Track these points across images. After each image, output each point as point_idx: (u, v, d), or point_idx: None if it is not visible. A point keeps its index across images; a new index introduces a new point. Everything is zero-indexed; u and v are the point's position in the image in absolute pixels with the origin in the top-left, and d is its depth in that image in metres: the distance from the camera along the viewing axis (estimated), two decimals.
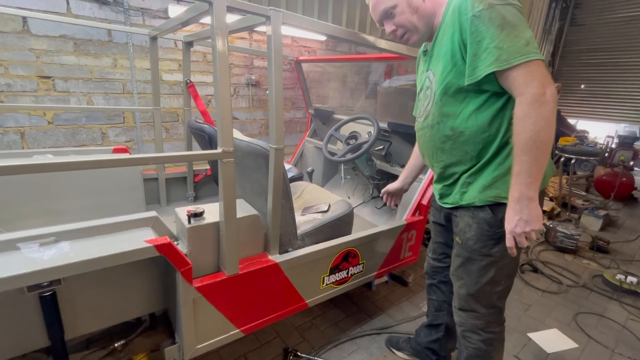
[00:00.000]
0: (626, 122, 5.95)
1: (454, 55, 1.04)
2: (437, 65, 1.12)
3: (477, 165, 1.11)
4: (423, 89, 1.24)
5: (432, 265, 1.53)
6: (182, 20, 1.39)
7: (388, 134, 2.40)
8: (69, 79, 2.42)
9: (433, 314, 1.58)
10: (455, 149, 1.13)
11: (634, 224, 3.81)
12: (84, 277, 1.09)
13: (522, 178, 0.93)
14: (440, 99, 1.11)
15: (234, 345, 1.70)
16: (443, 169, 1.21)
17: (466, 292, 1.22)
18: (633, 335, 2.00)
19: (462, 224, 1.19)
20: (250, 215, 1.34)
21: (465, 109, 1.07)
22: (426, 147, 1.25)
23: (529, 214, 0.94)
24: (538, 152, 0.91)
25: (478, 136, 1.08)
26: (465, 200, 1.15)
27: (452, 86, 1.07)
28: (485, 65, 0.94)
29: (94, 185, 1.88)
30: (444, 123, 1.12)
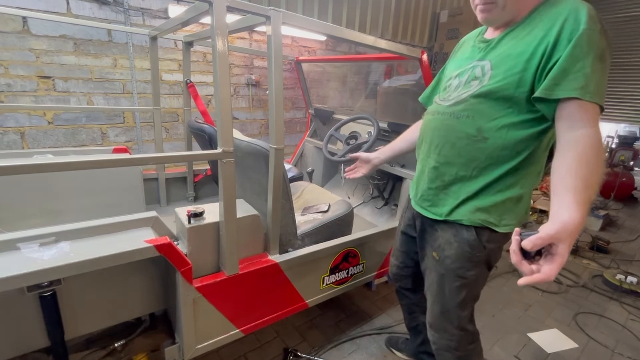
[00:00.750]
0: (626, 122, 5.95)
1: (530, 61, 0.92)
2: (502, 62, 0.99)
3: (479, 181, 1.04)
4: (463, 76, 1.10)
5: (394, 273, 1.49)
6: (182, 20, 1.39)
7: (388, 134, 2.40)
8: (69, 79, 2.42)
9: (408, 317, 1.60)
10: (467, 150, 1.04)
11: (634, 224, 3.81)
12: (84, 277, 1.09)
13: (586, 208, 0.78)
14: (484, 95, 1.00)
15: (234, 345, 1.70)
16: (438, 165, 1.11)
17: (439, 310, 1.19)
18: (633, 335, 2.00)
19: (441, 240, 1.13)
20: (250, 215, 1.34)
21: (502, 118, 0.98)
22: (434, 135, 1.13)
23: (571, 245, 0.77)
24: (595, 190, 0.80)
25: (498, 151, 1.00)
26: (453, 216, 1.08)
27: (505, 90, 0.96)
28: (570, 88, 0.84)
29: (94, 185, 1.88)
30: (473, 119, 1.02)
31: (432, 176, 1.14)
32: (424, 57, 1.80)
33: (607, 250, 3.04)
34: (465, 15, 4.43)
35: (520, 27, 0.98)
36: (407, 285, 1.47)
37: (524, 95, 0.94)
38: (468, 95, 1.04)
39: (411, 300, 1.52)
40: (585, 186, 0.79)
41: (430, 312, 1.23)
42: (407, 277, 1.44)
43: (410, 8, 4.50)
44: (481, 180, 1.04)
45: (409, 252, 1.38)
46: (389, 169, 2.35)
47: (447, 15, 4.67)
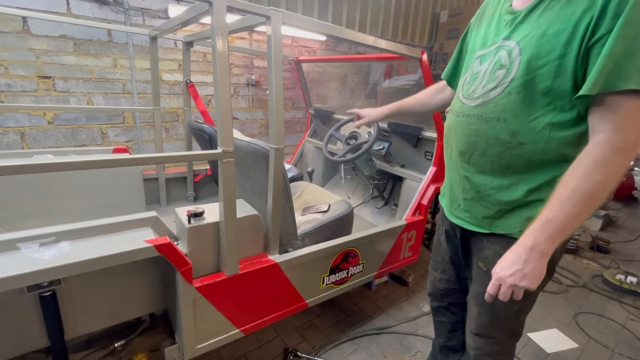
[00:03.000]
0: None
1: (571, 42, 0.73)
2: (533, 43, 0.80)
3: (521, 187, 0.88)
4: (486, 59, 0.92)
5: (440, 288, 1.28)
6: (182, 20, 1.39)
7: (388, 134, 2.40)
8: (69, 79, 2.42)
9: (446, 336, 1.36)
10: (500, 158, 0.88)
11: (634, 224, 3.80)
12: (84, 277, 1.09)
13: (549, 228, 0.74)
14: (517, 90, 0.82)
15: (234, 345, 1.70)
16: (469, 175, 0.97)
17: (487, 321, 1.05)
18: (633, 335, 2.00)
19: (489, 252, 0.97)
20: (250, 215, 1.34)
21: (542, 117, 0.81)
22: (460, 140, 0.96)
23: (533, 270, 0.76)
24: (587, 209, 0.72)
25: (538, 155, 0.83)
26: (500, 228, 0.93)
27: (542, 82, 0.78)
28: (626, 77, 0.67)
29: (94, 185, 1.88)
30: (505, 123, 0.85)
31: (465, 186, 0.99)
32: (424, 57, 1.80)
33: (607, 250, 3.04)
34: (466, 15, 4.43)
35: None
36: (458, 300, 1.26)
37: (566, 85, 0.76)
38: (496, 94, 0.87)
39: (457, 317, 1.29)
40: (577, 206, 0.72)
41: (475, 321, 1.09)
42: (459, 291, 1.24)
43: (410, 8, 4.50)
44: (525, 186, 0.88)
45: (459, 262, 1.18)
46: (389, 169, 2.35)
47: (447, 15, 4.67)
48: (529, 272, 0.76)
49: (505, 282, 0.79)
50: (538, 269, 0.76)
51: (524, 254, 0.77)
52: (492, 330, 1.07)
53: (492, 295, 0.83)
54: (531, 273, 0.76)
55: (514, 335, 1.10)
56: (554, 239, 0.75)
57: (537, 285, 0.77)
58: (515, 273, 0.77)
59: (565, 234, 0.75)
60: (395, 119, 2.39)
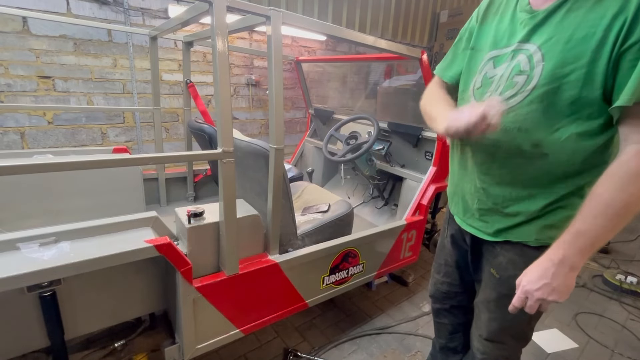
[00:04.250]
0: None
1: (601, 48, 0.68)
2: (559, 49, 0.74)
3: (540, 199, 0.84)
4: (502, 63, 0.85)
5: (443, 290, 1.26)
6: (182, 20, 1.39)
7: (388, 134, 2.40)
8: (69, 79, 2.42)
9: (447, 337, 1.35)
10: (521, 170, 0.84)
11: (634, 224, 3.80)
12: (84, 277, 1.09)
13: (580, 242, 0.71)
14: (539, 99, 0.76)
15: (234, 345, 1.70)
16: (486, 187, 0.92)
17: (498, 327, 1.03)
18: (633, 335, 2.00)
19: (502, 259, 0.94)
20: (250, 215, 1.34)
21: (567, 127, 0.76)
22: (476, 150, 0.92)
23: (563, 284, 0.73)
24: (620, 222, 0.69)
25: (563, 167, 0.79)
26: (515, 236, 0.90)
27: (568, 90, 0.73)
28: None
29: (94, 185, 1.88)
30: (528, 133, 0.80)
31: (481, 197, 0.95)
32: (424, 57, 1.80)
33: (607, 250, 3.04)
34: (465, 15, 4.43)
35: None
36: (461, 303, 1.24)
37: (595, 94, 0.72)
38: (516, 103, 0.80)
39: (458, 320, 1.28)
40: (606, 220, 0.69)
41: (485, 327, 1.06)
42: (462, 294, 1.22)
43: (410, 8, 4.50)
44: (545, 198, 0.84)
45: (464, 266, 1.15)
46: (389, 169, 2.35)
47: (447, 15, 4.67)
48: (557, 287, 0.74)
49: (532, 296, 0.77)
50: (567, 283, 0.74)
51: (552, 267, 0.74)
52: (503, 336, 1.05)
53: (517, 307, 0.81)
54: (560, 287, 0.74)
55: (523, 340, 1.08)
56: (584, 253, 0.72)
57: (566, 298, 0.75)
58: (543, 287, 0.75)
59: (596, 247, 0.72)
60: (395, 119, 2.40)
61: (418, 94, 1.47)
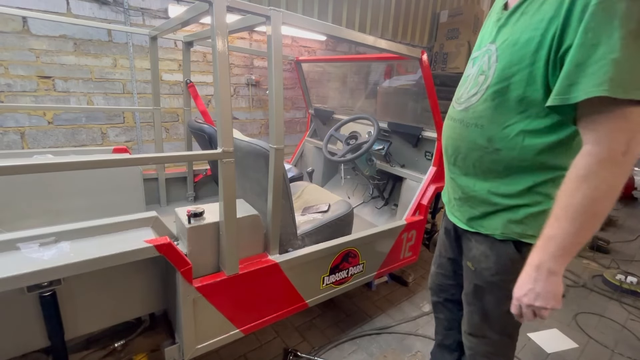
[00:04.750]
0: None
1: (539, 51, 0.73)
2: (507, 51, 0.80)
3: (501, 192, 0.89)
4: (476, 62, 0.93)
5: (438, 282, 1.32)
6: (182, 20, 1.39)
7: (388, 134, 2.40)
8: (69, 79, 2.42)
9: (443, 333, 1.39)
10: (481, 162, 0.91)
11: (634, 224, 3.80)
12: (84, 277, 1.09)
13: (551, 246, 0.72)
14: (491, 98, 0.83)
15: (234, 345, 1.70)
16: (455, 177, 1.02)
17: (479, 319, 1.07)
18: (633, 335, 2.00)
19: (476, 252, 1.00)
20: (250, 215, 1.34)
21: (516, 124, 0.81)
22: (449, 144, 1.01)
23: (545, 289, 0.74)
24: (585, 224, 0.69)
25: (515, 162, 0.84)
26: (485, 229, 0.95)
27: (515, 90, 0.79)
28: (591, 84, 0.63)
29: (94, 185, 1.88)
30: (482, 129, 0.87)
31: (454, 187, 1.04)
32: (424, 57, 1.81)
33: (607, 250, 3.04)
34: (465, 15, 4.43)
35: (532, 1, 0.77)
36: (454, 297, 1.28)
37: (537, 94, 0.76)
38: (476, 100, 0.89)
39: (453, 315, 1.31)
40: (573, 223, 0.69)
41: (468, 321, 1.11)
42: (454, 287, 1.25)
43: (410, 8, 4.50)
44: (506, 190, 0.88)
45: (456, 259, 1.20)
46: (388, 169, 2.35)
47: (447, 15, 4.67)
48: (541, 292, 0.75)
49: (522, 302, 0.78)
50: (549, 288, 0.74)
51: (532, 272, 0.76)
52: (484, 329, 1.08)
53: (517, 315, 0.82)
54: (543, 292, 0.75)
55: (506, 336, 1.09)
56: (557, 257, 0.72)
57: (557, 305, 0.75)
58: (528, 293, 0.77)
59: (568, 251, 0.72)
60: (395, 119, 2.40)
61: (418, 94, 1.46)
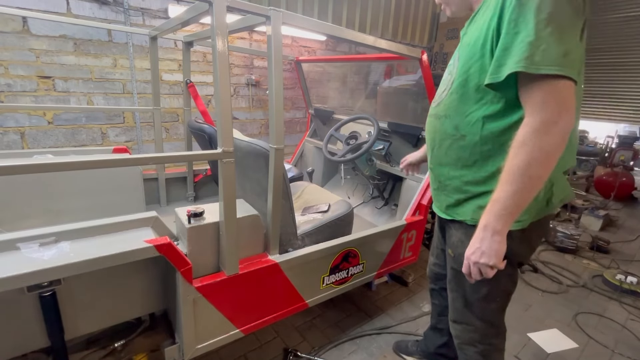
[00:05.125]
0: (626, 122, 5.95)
1: (484, 45, 0.87)
2: (464, 52, 0.96)
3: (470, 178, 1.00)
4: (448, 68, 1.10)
5: (434, 271, 1.45)
6: (182, 20, 1.39)
7: (388, 134, 2.40)
8: (69, 79, 2.42)
9: (436, 317, 1.55)
10: (451, 150, 1.03)
11: (634, 224, 3.80)
12: (84, 277, 1.09)
13: (496, 207, 0.83)
14: (456, 90, 0.98)
15: (234, 345, 1.70)
16: (433, 165, 1.14)
17: (461, 305, 1.16)
18: (633, 335, 2.00)
19: (454, 239, 1.11)
20: (250, 215, 1.34)
21: (476, 111, 0.94)
22: (428, 137, 1.15)
23: (489, 247, 0.84)
24: (524, 186, 0.79)
25: (478, 147, 0.95)
26: (458, 215, 1.06)
27: (472, 80, 0.93)
28: (513, 62, 0.77)
29: (94, 185, 1.88)
30: (450, 119, 1.01)
31: (433, 177, 1.17)
32: (424, 57, 1.80)
33: (607, 250, 3.04)
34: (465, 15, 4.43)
35: (480, 12, 0.94)
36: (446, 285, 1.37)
37: None
38: (445, 96, 1.04)
39: (445, 302, 1.40)
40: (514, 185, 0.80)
41: (452, 308, 1.20)
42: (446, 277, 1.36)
43: (410, 8, 4.50)
44: (474, 178, 1.00)
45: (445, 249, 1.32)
46: (388, 169, 2.35)
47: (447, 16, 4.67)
48: (486, 250, 0.85)
49: (470, 260, 0.89)
50: (494, 247, 0.84)
51: (480, 233, 0.87)
52: (467, 316, 1.16)
53: (466, 275, 0.93)
54: (488, 250, 0.85)
55: (488, 323, 1.15)
56: (500, 217, 0.83)
57: (498, 263, 0.85)
58: (475, 252, 0.87)
59: (510, 211, 0.82)
60: (395, 119, 2.40)
61: (418, 94, 1.47)
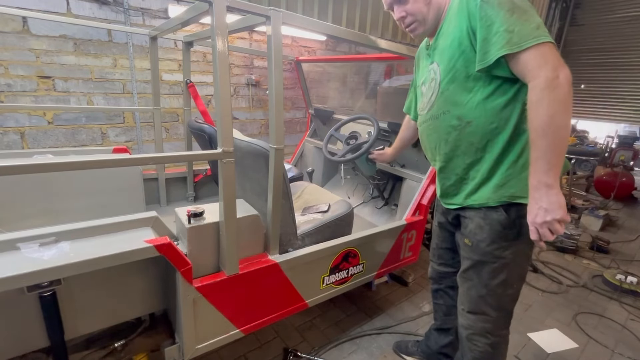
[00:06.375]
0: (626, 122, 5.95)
1: (462, 43, 1.02)
2: (443, 56, 1.09)
3: (486, 160, 1.07)
4: (426, 82, 1.22)
5: (439, 271, 1.47)
6: (182, 20, 1.39)
7: (388, 134, 2.40)
8: (69, 79, 2.42)
9: (442, 318, 1.54)
10: (460, 140, 1.10)
11: (634, 224, 3.81)
12: (84, 277, 1.09)
13: (539, 165, 0.89)
14: (447, 87, 1.09)
15: (234, 345, 1.70)
16: (445, 162, 1.18)
17: (477, 294, 1.17)
18: (633, 335, 2.00)
19: (472, 225, 1.14)
20: (250, 215, 1.34)
21: (473, 97, 1.04)
22: (429, 140, 1.22)
23: (549, 202, 0.88)
24: (554, 136, 0.86)
25: (486, 127, 1.04)
26: (476, 200, 1.11)
27: (460, 74, 1.04)
28: (497, 48, 0.92)
29: (94, 185, 1.88)
30: (450, 112, 1.09)
31: (447, 174, 1.20)
32: None
33: (607, 250, 3.04)
34: None
35: (445, 24, 1.10)
36: (454, 283, 1.39)
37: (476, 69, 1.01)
38: (435, 97, 1.14)
39: (452, 302, 1.44)
40: (546, 139, 0.87)
41: (466, 298, 1.21)
42: (453, 275, 1.40)
43: None
44: (488, 158, 1.07)
45: (452, 248, 1.37)
46: (389, 169, 2.35)
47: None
48: (548, 206, 0.88)
49: (536, 223, 0.91)
50: (553, 199, 0.88)
51: (535, 193, 0.90)
52: (482, 304, 1.18)
53: (537, 240, 0.94)
54: (550, 206, 0.88)
55: (504, 312, 1.19)
56: (548, 171, 0.88)
57: (563, 215, 0.87)
58: (538, 212, 0.90)
59: (554, 162, 0.87)
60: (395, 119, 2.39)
61: None
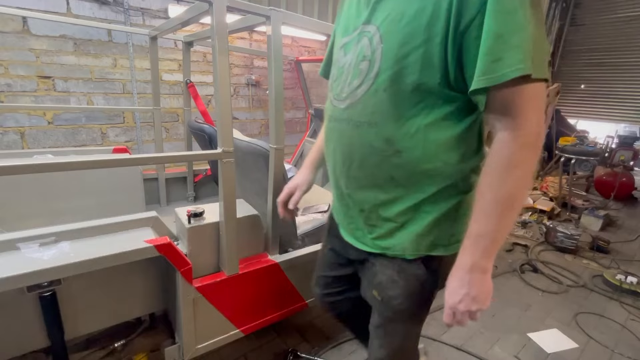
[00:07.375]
0: (626, 122, 5.95)
1: (433, 24, 0.61)
2: (393, 28, 0.66)
3: (406, 201, 0.76)
4: (349, 49, 0.78)
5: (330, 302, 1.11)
6: (182, 20, 1.39)
7: None
8: (69, 79, 2.42)
9: None
10: (380, 169, 0.76)
11: (634, 224, 3.80)
12: (84, 277, 1.09)
13: (481, 244, 0.66)
14: (385, 86, 0.69)
15: (234, 345, 1.70)
16: (351, 191, 0.83)
17: (386, 354, 0.96)
18: (633, 335, 2.00)
19: (382, 277, 0.85)
20: (250, 215, 1.34)
21: (415, 118, 0.69)
22: (337, 150, 0.83)
23: (480, 290, 0.68)
24: (511, 216, 0.65)
25: (419, 165, 0.72)
26: (389, 249, 0.82)
27: (409, 75, 0.66)
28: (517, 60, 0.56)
29: (94, 185, 1.88)
30: (377, 127, 0.72)
31: (349, 202, 0.86)
32: None
33: (607, 250, 3.04)
34: None
35: None
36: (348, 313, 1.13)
37: (434, 80, 0.65)
38: (363, 92, 0.73)
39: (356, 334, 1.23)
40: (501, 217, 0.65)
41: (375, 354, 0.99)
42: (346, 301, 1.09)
43: None
44: (410, 200, 0.76)
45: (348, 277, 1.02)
46: None
47: None
48: (477, 294, 0.69)
49: (457, 310, 0.70)
50: (484, 288, 0.69)
51: (466, 276, 0.69)
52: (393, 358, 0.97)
53: (450, 324, 0.73)
54: (479, 294, 0.69)
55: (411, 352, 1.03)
56: (489, 253, 0.67)
57: (487, 305, 0.70)
58: (463, 298, 0.69)
59: (499, 244, 0.68)
60: None
61: None
